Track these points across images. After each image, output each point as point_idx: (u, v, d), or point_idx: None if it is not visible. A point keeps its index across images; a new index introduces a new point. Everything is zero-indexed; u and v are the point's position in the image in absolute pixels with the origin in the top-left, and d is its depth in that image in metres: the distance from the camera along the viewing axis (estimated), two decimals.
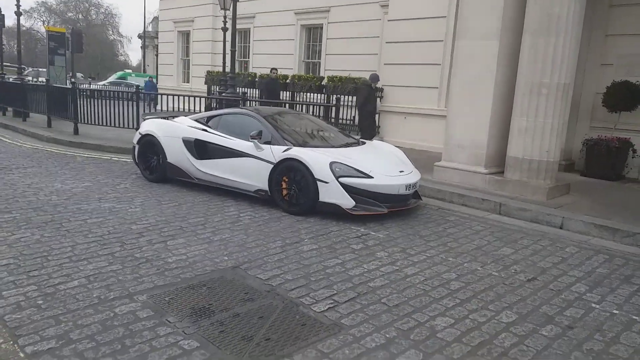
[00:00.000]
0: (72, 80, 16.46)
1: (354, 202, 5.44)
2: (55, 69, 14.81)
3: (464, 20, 7.38)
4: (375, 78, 9.61)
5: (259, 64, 17.06)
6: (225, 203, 6.07)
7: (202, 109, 11.77)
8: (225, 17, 14.39)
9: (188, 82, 20.89)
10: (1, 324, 2.91)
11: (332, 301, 3.46)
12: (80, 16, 58.41)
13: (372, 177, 5.55)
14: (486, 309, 3.49)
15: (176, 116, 7.36)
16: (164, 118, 7.31)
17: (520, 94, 6.85)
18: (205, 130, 6.57)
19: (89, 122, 10.95)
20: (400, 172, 5.93)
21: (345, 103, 11.54)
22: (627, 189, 7.93)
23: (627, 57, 8.71)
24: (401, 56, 11.46)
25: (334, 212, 5.53)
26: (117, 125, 10.57)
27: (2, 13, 16.71)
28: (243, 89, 13.72)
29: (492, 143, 7.27)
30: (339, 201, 5.45)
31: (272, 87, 12.26)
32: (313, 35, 15.96)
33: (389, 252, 4.55)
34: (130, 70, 38.62)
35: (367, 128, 9.48)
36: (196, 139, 6.52)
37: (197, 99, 11.08)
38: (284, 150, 5.80)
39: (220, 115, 6.89)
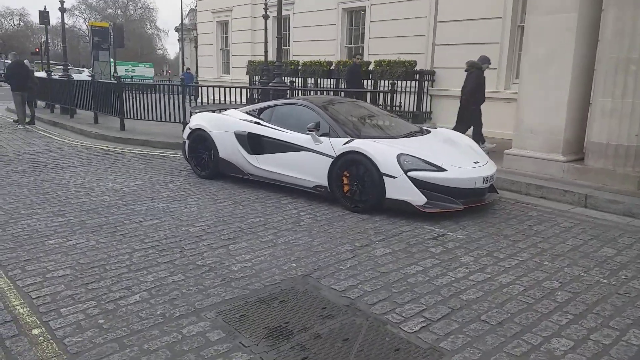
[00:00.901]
0: (116, 74, 16.47)
1: (426, 199, 4.93)
2: (100, 64, 14.84)
3: None
4: (486, 60, 8.22)
5: (300, 52, 16.58)
6: (282, 201, 5.69)
7: (244, 99, 11.45)
8: (266, 4, 13.98)
9: (228, 73, 20.67)
10: (62, 349, 2.62)
11: (423, 319, 3.01)
12: (119, 12, 59.61)
13: (445, 170, 5.02)
14: (607, 326, 2.96)
15: (226, 109, 7.02)
16: (213, 111, 6.99)
17: (602, 72, 6.13)
18: (258, 123, 6.20)
19: (134, 117, 10.80)
20: (475, 163, 5.36)
21: (397, 89, 10.91)
22: None
23: None
24: (455, 36, 10.75)
25: (401, 210, 5.06)
26: (162, 119, 10.35)
27: (47, 11, 16.89)
28: (290, 77, 13.30)
29: (569, 127, 6.58)
30: (409, 198, 4.95)
31: (355, 72, 11.41)
32: (355, 19, 15.33)
33: (475, 257, 4.04)
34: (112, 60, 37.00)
35: (471, 118, 8.16)
36: (249, 133, 6.15)
37: (239, 90, 10.74)
38: (345, 143, 5.35)
39: (273, 106, 6.49)
